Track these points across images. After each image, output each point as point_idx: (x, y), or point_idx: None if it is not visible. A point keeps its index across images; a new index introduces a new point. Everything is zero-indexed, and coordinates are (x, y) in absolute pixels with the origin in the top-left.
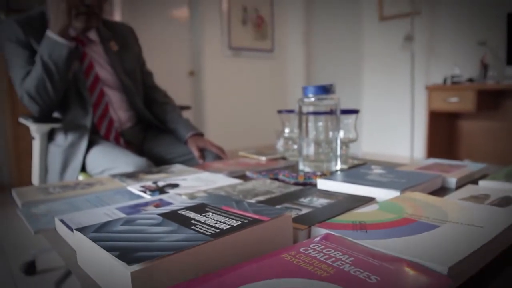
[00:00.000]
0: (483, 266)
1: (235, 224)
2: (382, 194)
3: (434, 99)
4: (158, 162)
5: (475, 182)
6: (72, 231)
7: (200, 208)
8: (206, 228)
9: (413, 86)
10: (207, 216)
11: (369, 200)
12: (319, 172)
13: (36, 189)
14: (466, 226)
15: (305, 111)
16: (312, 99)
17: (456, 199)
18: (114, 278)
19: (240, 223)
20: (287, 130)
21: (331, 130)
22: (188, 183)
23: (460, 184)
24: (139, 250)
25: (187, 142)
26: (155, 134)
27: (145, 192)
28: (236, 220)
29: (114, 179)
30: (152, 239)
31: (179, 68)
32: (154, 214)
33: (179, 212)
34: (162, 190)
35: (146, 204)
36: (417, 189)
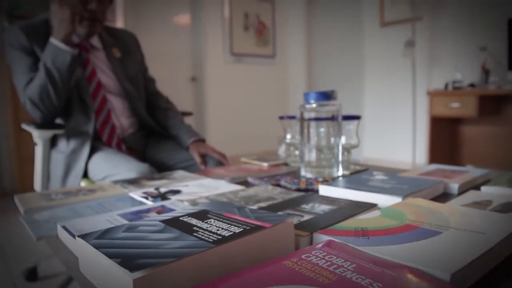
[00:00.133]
0: (485, 272)
1: (237, 231)
2: (384, 200)
3: (435, 104)
4: (160, 168)
5: (478, 188)
6: (74, 237)
7: (202, 215)
8: (208, 235)
9: (414, 92)
10: (209, 222)
11: (371, 206)
12: (321, 178)
13: (38, 195)
14: (469, 233)
15: (306, 117)
16: (314, 105)
17: (458, 205)
18: (116, 285)
19: (242, 229)
20: (289, 136)
21: (333, 136)
22: (190, 189)
23: (462, 190)
24: (141, 257)
25: (189, 148)
26: (157, 140)
27: (147, 198)
28: (238, 227)
29: (116, 185)
30: (154, 246)
31: (181, 74)
32: (156, 221)
33: (181, 218)
34: (164, 197)
35: (148, 211)
36: (419, 195)
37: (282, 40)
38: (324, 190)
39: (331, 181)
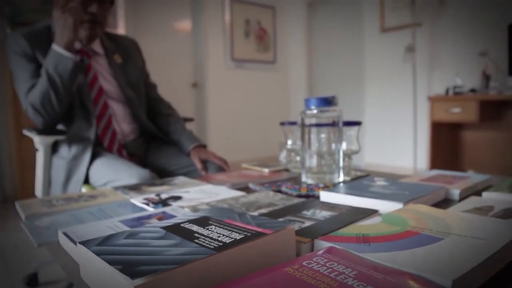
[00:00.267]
0: (487, 279)
1: (238, 238)
2: (385, 206)
3: (436, 109)
4: (161, 173)
5: (479, 194)
6: (75, 244)
7: (203, 221)
8: (209, 241)
9: (415, 97)
10: (210, 229)
11: (372, 212)
12: (321, 184)
13: (39, 201)
14: (470, 239)
15: (307, 123)
16: (315, 111)
17: (460, 211)
18: None
19: (243, 236)
20: (289, 142)
21: (334, 142)
22: (191, 195)
23: (464, 195)
24: (142, 264)
25: (190, 154)
26: (158, 145)
27: (148, 204)
28: (239, 233)
29: (117, 191)
30: (155, 253)
31: (182, 80)
32: (157, 227)
33: (182, 225)
34: (165, 203)
35: (149, 217)
36: (420, 201)
37: (283, 46)
38: (325, 196)
39: (332, 187)
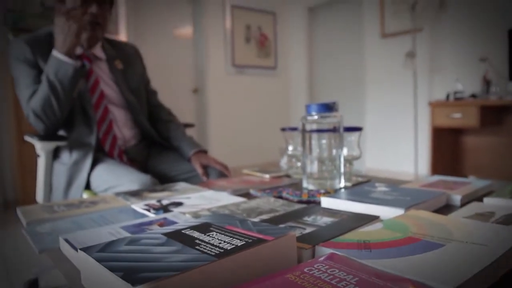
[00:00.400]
0: (489, 285)
1: (239, 244)
2: (386, 212)
3: (437, 115)
4: (162, 179)
5: (480, 199)
6: (76, 250)
7: (204, 228)
8: (210, 248)
9: (416, 102)
10: (211, 235)
11: (373, 218)
12: (323, 190)
13: (40, 207)
14: (471, 245)
15: (308, 129)
16: (315, 117)
17: (461, 217)
18: None
19: (244, 243)
20: (290, 148)
21: (335, 148)
22: (192, 201)
23: (465, 201)
24: (143, 271)
25: (191, 160)
26: (159, 151)
27: (149, 210)
28: (240, 240)
29: (118, 197)
30: (157, 259)
31: (183, 86)
32: (158, 234)
33: (183, 231)
34: (166, 209)
35: (150, 223)
36: (421, 207)
37: (284, 52)
38: (326, 202)
39: (333, 193)
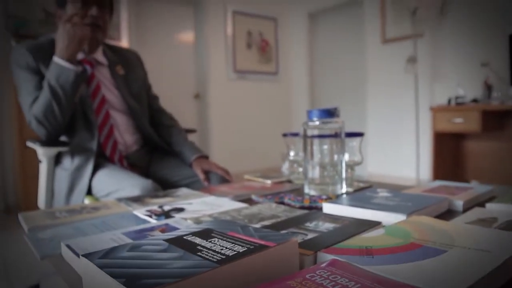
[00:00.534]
0: None
1: (241, 250)
2: (388, 218)
3: (438, 120)
4: (163, 184)
5: (482, 205)
6: (78, 256)
7: (205, 234)
8: (212, 254)
9: (417, 107)
10: (213, 242)
11: (375, 224)
12: (324, 196)
13: (42, 213)
14: (474, 251)
15: (310, 135)
16: (317, 122)
17: (463, 223)
18: None
19: (246, 249)
20: (292, 153)
21: (336, 153)
22: (194, 207)
23: (467, 206)
24: (145, 277)
25: (192, 165)
26: (161, 156)
27: (151, 216)
28: (242, 246)
29: (120, 203)
30: (158, 266)
31: (185, 91)
32: (160, 240)
33: (185, 237)
34: (167, 215)
35: (152, 229)
36: (423, 212)
37: (285, 57)
38: (328, 208)
39: (334, 198)
